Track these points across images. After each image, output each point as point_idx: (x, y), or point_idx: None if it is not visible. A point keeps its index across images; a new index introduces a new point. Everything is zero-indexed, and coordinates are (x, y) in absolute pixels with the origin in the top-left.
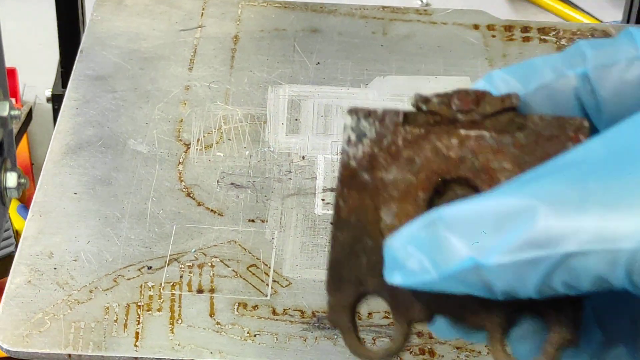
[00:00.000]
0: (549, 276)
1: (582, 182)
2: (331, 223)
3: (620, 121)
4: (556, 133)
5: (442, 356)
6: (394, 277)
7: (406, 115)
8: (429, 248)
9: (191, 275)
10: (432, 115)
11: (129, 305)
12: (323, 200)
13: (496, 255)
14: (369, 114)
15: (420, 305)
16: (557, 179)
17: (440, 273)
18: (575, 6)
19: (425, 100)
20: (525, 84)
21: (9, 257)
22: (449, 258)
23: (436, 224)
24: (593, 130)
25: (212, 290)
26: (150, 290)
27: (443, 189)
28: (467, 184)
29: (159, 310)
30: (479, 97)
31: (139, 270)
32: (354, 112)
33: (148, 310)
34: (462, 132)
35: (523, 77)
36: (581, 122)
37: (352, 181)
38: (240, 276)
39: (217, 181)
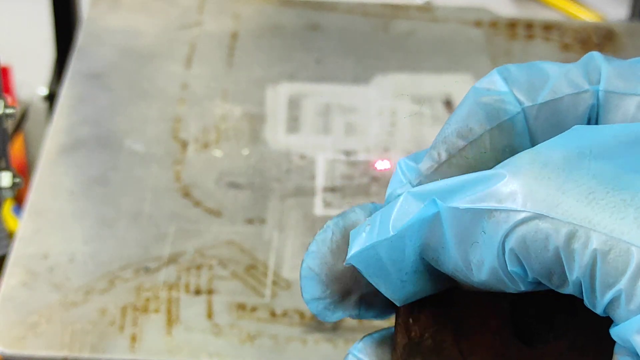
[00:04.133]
0: (502, 238)
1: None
2: None
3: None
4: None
5: None
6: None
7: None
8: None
9: (189, 276)
10: None
11: (125, 307)
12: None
13: (458, 201)
14: None
15: None
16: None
17: (398, 227)
18: (579, 3)
19: None
20: (532, 93)
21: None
22: (408, 212)
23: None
24: None
25: (210, 292)
26: (147, 292)
27: None
28: None
29: (155, 312)
30: None
31: (136, 271)
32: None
33: (145, 312)
34: None
35: (530, 84)
36: None
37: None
38: (239, 277)
39: (215, 181)
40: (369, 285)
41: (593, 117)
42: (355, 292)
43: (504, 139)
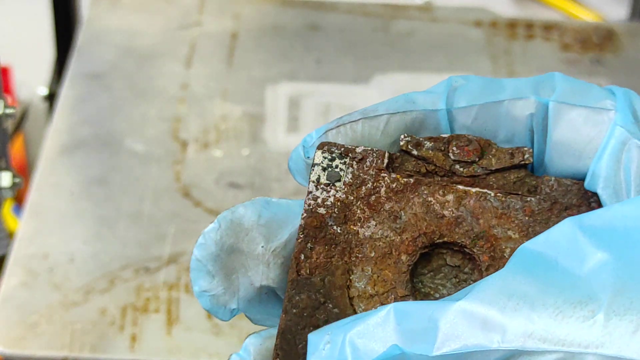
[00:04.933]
0: None
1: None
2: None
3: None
4: (575, 202)
5: None
6: None
7: (392, 159)
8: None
9: (189, 276)
10: (424, 163)
11: (125, 307)
12: None
13: (426, 347)
14: (346, 152)
15: None
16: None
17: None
18: (579, 3)
19: (417, 143)
20: (473, 98)
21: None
22: (370, 352)
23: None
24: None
25: None
26: (147, 292)
27: (431, 254)
28: (461, 251)
29: (156, 312)
30: (483, 146)
31: (136, 271)
32: (326, 147)
33: (145, 312)
34: (460, 187)
35: (481, 88)
36: None
37: (318, 232)
38: None
39: (215, 181)
40: (245, 278)
41: (538, 128)
42: (234, 284)
43: (407, 130)
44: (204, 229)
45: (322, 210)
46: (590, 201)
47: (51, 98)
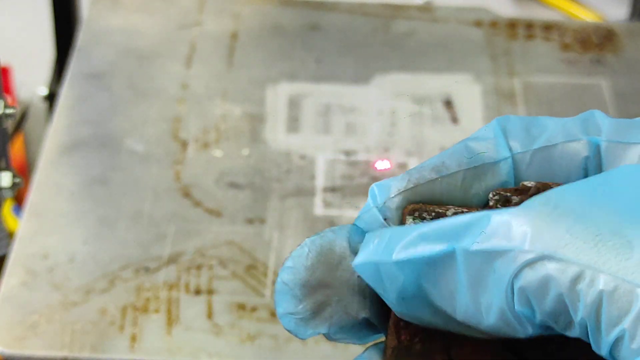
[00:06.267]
0: (511, 278)
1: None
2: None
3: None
4: None
5: None
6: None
7: None
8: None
9: (189, 276)
10: None
11: (125, 307)
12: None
13: (468, 242)
14: (438, 217)
15: None
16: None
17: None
18: (579, 3)
19: (506, 200)
20: (526, 141)
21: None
22: (415, 245)
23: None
24: None
25: (210, 292)
26: (147, 292)
27: None
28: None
29: (156, 312)
30: None
31: (136, 271)
32: (417, 213)
33: (145, 312)
34: None
35: (527, 132)
36: None
37: None
38: (239, 277)
39: (215, 181)
40: (339, 307)
41: (592, 169)
42: (326, 311)
43: (481, 182)
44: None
45: None
46: None
47: (51, 98)
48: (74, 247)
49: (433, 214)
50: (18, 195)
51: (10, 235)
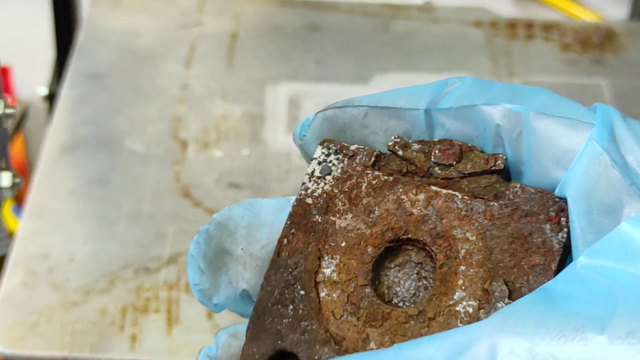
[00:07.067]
0: None
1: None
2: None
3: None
4: (536, 210)
5: None
6: None
7: (378, 158)
8: None
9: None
10: (407, 163)
11: (125, 307)
12: None
13: None
14: (341, 149)
15: None
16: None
17: None
18: (579, 3)
19: (404, 145)
20: (459, 99)
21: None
22: None
23: None
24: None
25: None
26: (147, 292)
27: (399, 249)
28: (424, 249)
29: (156, 312)
30: (464, 151)
31: (136, 271)
32: (326, 144)
33: (145, 312)
34: (433, 188)
35: (466, 91)
36: (565, 203)
37: (302, 220)
38: None
39: (215, 181)
40: (225, 278)
41: (511, 136)
42: (218, 282)
43: (382, 123)
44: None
45: (309, 200)
46: (550, 210)
47: (51, 98)
48: (74, 247)
49: (338, 145)
50: (18, 195)
51: (10, 235)
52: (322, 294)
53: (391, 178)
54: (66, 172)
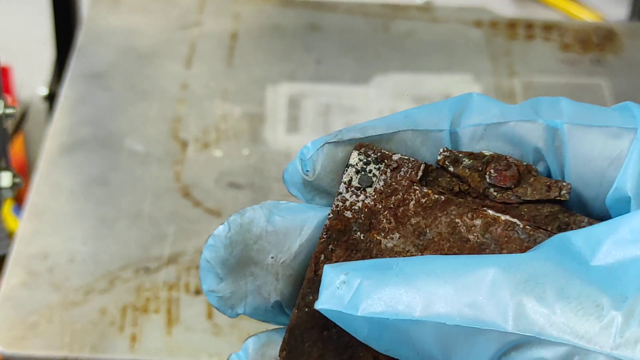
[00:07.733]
0: (495, 356)
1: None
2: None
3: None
4: None
5: None
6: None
7: (426, 172)
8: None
9: (189, 276)
10: (458, 181)
11: (125, 307)
12: None
13: (443, 310)
14: (382, 158)
15: None
16: None
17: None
18: (579, 3)
19: (455, 159)
20: (482, 116)
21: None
22: (386, 304)
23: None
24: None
25: None
26: (147, 292)
27: None
28: None
29: (155, 312)
30: (522, 172)
31: (136, 271)
32: (363, 150)
33: (145, 312)
34: (490, 213)
35: (484, 108)
36: None
37: (341, 235)
38: None
39: (215, 181)
40: (253, 287)
41: (549, 151)
42: (242, 290)
43: (407, 148)
44: (214, 230)
45: (348, 214)
46: None
47: (51, 98)
48: (74, 247)
49: (378, 153)
50: (18, 195)
51: (10, 235)
52: None
53: (443, 198)
54: (66, 172)
